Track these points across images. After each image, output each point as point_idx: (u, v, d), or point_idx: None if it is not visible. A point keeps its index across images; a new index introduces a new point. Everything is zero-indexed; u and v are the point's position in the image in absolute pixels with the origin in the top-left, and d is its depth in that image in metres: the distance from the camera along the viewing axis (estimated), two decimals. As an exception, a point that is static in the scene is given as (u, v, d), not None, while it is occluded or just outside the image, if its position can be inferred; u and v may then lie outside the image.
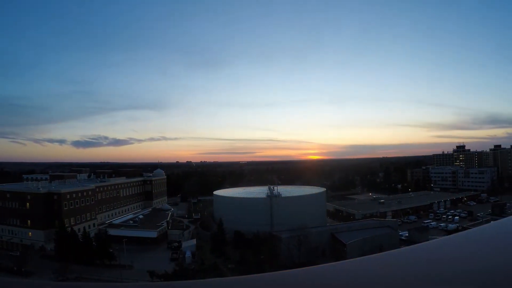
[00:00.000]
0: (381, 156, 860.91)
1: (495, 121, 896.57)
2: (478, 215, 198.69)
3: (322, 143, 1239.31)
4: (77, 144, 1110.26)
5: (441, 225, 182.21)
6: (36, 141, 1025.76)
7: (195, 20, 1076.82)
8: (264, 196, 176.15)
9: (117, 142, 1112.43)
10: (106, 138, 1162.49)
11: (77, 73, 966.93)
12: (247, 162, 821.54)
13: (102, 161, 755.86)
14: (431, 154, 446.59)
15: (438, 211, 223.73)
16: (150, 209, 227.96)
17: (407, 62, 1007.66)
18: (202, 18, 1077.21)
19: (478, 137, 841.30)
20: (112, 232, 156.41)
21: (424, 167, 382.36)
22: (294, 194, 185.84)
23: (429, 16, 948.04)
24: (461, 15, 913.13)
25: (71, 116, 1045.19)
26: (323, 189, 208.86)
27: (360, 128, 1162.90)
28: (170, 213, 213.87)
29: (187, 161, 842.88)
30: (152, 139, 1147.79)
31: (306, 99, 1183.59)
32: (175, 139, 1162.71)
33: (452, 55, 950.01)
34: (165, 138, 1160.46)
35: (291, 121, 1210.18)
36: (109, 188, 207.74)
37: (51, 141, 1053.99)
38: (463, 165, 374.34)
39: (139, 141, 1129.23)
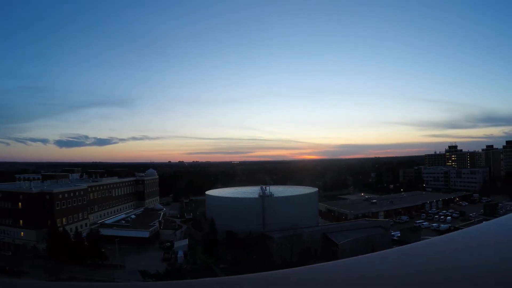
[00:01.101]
0: (373, 156, 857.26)
1: (489, 119, 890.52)
2: (470, 215, 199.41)
3: (314, 143, 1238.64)
4: (60, 143, 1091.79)
5: (433, 225, 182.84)
6: (18, 140, 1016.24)
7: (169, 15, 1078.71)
8: (256, 196, 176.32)
9: (100, 142, 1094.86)
10: (86, 137, 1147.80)
11: (33, 68, 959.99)
12: (239, 162, 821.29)
13: (94, 161, 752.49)
14: (423, 154, 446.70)
15: (430, 211, 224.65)
16: (142, 209, 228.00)
17: (400, 58, 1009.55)
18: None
19: (473, 136, 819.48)
20: (104, 232, 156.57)
21: (416, 167, 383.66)
22: (286, 194, 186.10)
23: (422, 9, 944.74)
24: (455, 8, 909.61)
25: (40, 114, 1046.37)
26: (315, 189, 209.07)
27: (353, 127, 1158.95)
28: (162, 213, 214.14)
29: (179, 161, 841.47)
30: (134, 139, 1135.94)
31: (300, 100, 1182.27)
32: (157, 138, 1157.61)
33: (444, 51, 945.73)
34: (147, 138, 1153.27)
35: (283, 121, 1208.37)
36: (101, 188, 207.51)
37: (33, 140, 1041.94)
38: (455, 165, 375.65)
39: (122, 140, 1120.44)
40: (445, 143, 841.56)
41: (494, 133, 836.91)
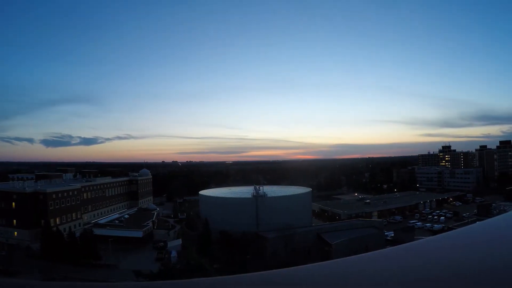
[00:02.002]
0: (367, 156, 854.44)
1: (486, 117, 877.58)
2: (463, 216, 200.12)
3: (308, 143, 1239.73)
4: (47, 143, 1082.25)
5: (426, 226, 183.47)
6: (4, 139, 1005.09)
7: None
8: (250, 196, 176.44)
9: (86, 141, 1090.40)
10: (70, 136, 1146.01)
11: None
12: (233, 162, 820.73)
13: (87, 161, 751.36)
14: (417, 154, 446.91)
15: (423, 212, 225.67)
16: (136, 209, 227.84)
17: (394, 54, 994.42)
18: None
19: (471, 136, 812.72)
20: (98, 231, 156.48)
21: (410, 167, 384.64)
22: (280, 194, 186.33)
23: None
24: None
25: (13, 112, 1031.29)
26: (308, 189, 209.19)
27: (346, 126, 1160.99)
28: (155, 213, 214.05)
29: (172, 161, 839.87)
30: (119, 138, 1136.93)
31: (295, 99, 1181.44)
32: (143, 137, 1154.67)
33: (437, 45, 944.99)
34: (132, 137, 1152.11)
35: (277, 121, 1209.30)
36: (95, 187, 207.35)
37: (19, 139, 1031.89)
38: (449, 166, 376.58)
39: (108, 140, 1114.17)
40: (440, 142, 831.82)
41: (492, 132, 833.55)
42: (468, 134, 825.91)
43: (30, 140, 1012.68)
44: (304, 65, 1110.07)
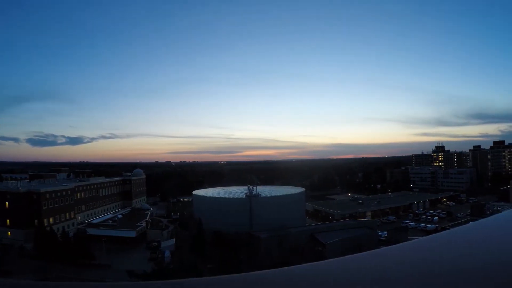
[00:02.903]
0: (361, 156, 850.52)
1: (482, 115, 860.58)
2: (457, 216, 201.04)
3: (301, 143, 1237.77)
4: (33, 142, 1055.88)
5: (420, 226, 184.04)
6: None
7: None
8: (243, 196, 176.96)
9: (72, 141, 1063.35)
10: (54, 135, 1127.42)
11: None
12: (226, 162, 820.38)
13: (82, 160, 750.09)
14: (411, 154, 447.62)
15: (417, 212, 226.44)
16: (129, 209, 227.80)
17: (388, 50, 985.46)
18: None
19: (468, 135, 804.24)
20: (91, 231, 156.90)
21: (403, 168, 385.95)
22: (273, 194, 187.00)
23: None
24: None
25: None
26: (302, 189, 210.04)
27: (340, 126, 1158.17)
28: (149, 213, 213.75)
29: (166, 161, 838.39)
30: (103, 137, 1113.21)
31: (287, 99, 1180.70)
32: (127, 137, 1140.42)
33: (430, 39, 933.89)
34: (116, 136, 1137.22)
35: (270, 121, 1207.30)
36: (88, 187, 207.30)
37: (4, 138, 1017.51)
38: (443, 166, 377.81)
39: (94, 139, 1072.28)
40: (437, 142, 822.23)
41: (490, 131, 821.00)
42: (466, 134, 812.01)
43: (16, 140, 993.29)
44: (297, 63, 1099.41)
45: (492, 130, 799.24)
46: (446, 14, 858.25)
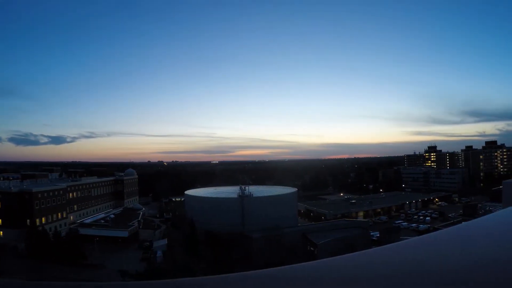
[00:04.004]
0: (354, 156, 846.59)
1: (478, 113, 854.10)
2: (449, 216, 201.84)
3: (294, 143, 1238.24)
4: (16, 141, 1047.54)
5: (412, 226, 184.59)
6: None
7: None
8: (236, 196, 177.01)
9: (54, 140, 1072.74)
10: (33, 135, 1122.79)
11: None
12: (219, 162, 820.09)
13: (74, 160, 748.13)
14: (403, 154, 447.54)
15: (409, 212, 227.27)
16: (122, 209, 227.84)
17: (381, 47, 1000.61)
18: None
19: (464, 134, 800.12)
20: (83, 231, 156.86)
21: (395, 168, 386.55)
22: (266, 194, 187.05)
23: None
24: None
25: None
26: (294, 189, 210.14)
27: (333, 125, 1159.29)
28: (141, 212, 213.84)
29: (158, 161, 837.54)
30: (84, 136, 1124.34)
31: (279, 98, 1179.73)
32: (108, 135, 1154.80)
33: (425, 36, 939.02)
34: (96, 135, 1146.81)
35: (262, 121, 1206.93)
36: (80, 187, 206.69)
37: None
38: (435, 166, 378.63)
39: (74, 138, 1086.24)
40: (432, 141, 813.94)
41: (487, 130, 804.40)
42: (463, 133, 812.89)
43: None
44: (290, 63, 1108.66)
45: (490, 129, 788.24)
46: (440, 7, 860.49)
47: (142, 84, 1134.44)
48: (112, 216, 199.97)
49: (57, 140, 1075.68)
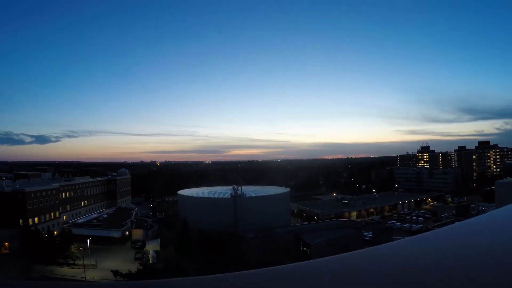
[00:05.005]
0: (347, 156, 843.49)
1: (474, 110, 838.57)
2: (442, 216, 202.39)
3: (286, 144, 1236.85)
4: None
5: (405, 226, 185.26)
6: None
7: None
8: (228, 196, 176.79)
9: (39, 140, 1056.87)
10: (17, 135, 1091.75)
11: None
12: (212, 162, 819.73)
13: (67, 160, 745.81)
14: (396, 155, 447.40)
15: (402, 212, 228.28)
16: (115, 209, 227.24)
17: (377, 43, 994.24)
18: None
19: (462, 134, 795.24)
20: (76, 231, 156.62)
21: (388, 168, 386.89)
22: (259, 194, 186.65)
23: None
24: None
25: None
26: (287, 189, 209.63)
27: (327, 124, 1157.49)
28: (134, 212, 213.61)
29: (151, 161, 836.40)
30: (67, 136, 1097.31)
31: (272, 98, 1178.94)
32: (90, 134, 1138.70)
33: (419, 31, 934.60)
34: (79, 134, 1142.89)
35: (255, 121, 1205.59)
36: (73, 187, 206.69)
37: None
38: (428, 166, 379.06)
39: (57, 138, 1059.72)
40: (429, 141, 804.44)
41: (485, 128, 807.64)
42: (459, 132, 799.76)
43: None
44: (281, 60, 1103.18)
45: (487, 127, 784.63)
46: (433, 1, 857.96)
47: (133, 83, 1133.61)
48: (105, 216, 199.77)
49: (40, 139, 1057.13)
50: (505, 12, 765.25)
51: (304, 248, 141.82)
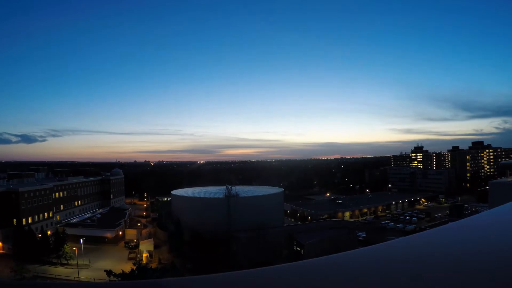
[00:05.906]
0: (342, 157, 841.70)
1: (470, 107, 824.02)
2: (436, 216, 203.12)
3: (280, 144, 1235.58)
4: None
5: (399, 226, 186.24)
6: None
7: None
8: (222, 196, 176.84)
9: (24, 139, 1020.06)
10: (0, 134, 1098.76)
11: None
12: (205, 161, 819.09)
13: (61, 159, 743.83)
14: (390, 155, 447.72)
15: (395, 212, 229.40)
16: (108, 209, 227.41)
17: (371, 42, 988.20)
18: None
19: (460, 133, 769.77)
20: (70, 231, 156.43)
21: (382, 168, 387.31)
22: (252, 194, 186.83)
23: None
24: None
25: None
26: (281, 189, 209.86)
27: (323, 125, 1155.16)
28: (127, 212, 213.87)
29: (145, 161, 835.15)
30: (53, 136, 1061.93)
31: (267, 97, 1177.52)
32: (73, 134, 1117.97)
33: (415, 27, 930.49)
34: (64, 134, 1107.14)
35: (249, 121, 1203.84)
36: (67, 187, 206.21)
37: None
38: (421, 166, 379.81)
39: (42, 137, 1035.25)
40: (427, 141, 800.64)
41: (483, 127, 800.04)
42: (456, 132, 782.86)
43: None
44: (275, 59, 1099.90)
45: (485, 126, 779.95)
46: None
47: (126, 83, 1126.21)
48: (99, 215, 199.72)
49: (27, 139, 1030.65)
50: (502, 5, 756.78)
51: (298, 248, 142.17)
